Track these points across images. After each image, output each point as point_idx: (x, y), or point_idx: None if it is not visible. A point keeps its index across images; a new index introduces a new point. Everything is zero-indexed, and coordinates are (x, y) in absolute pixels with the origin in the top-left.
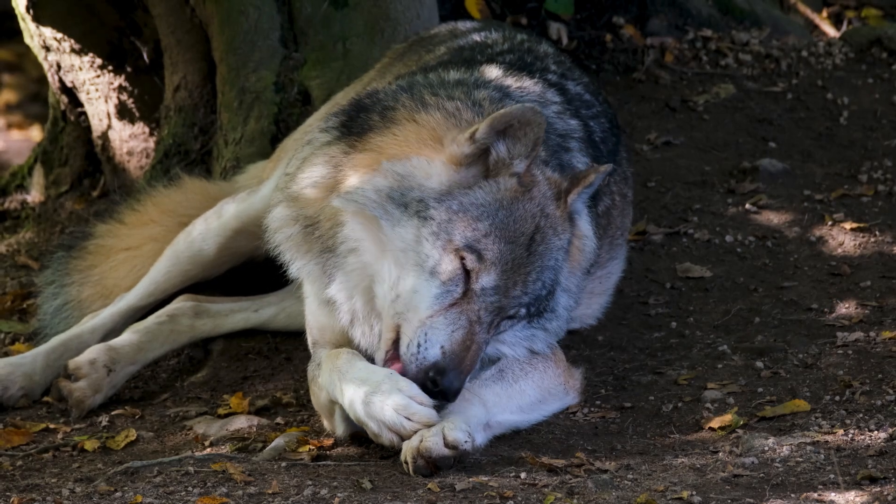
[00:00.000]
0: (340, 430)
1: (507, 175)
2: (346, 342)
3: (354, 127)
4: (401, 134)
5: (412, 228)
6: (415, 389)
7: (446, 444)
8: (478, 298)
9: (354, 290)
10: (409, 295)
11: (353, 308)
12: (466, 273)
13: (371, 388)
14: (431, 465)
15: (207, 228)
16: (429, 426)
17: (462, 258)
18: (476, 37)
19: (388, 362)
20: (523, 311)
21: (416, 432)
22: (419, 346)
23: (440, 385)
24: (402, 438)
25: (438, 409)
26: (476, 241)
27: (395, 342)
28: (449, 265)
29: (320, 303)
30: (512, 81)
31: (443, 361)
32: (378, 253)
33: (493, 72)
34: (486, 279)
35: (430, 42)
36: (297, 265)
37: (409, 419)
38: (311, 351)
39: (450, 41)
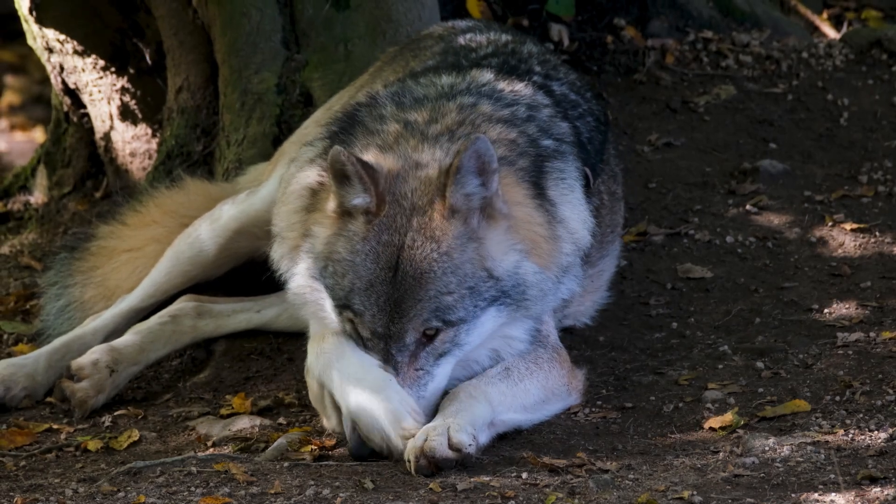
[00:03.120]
0: (333, 420)
1: (357, 216)
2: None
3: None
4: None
5: (327, 299)
6: (411, 402)
7: (450, 446)
8: (369, 350)
9: None
10: None
11: None
12: (356, 328)
13: (368, 392)
14: (433, 466)
15: (207, 229)
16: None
17: (346, 317)
18: (461, 40)
19: None
20: (436, 324)
21: (404, 441)
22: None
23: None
24: (391, 449)
25: (445, 402)
26: (345, 299)
27: None
28: (345, 327)
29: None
30: (504, 85)
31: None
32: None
33: (484, 76)
34: (362, 330)
35: (418, 46)
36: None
37: (401, 430)
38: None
39: (436, 45)
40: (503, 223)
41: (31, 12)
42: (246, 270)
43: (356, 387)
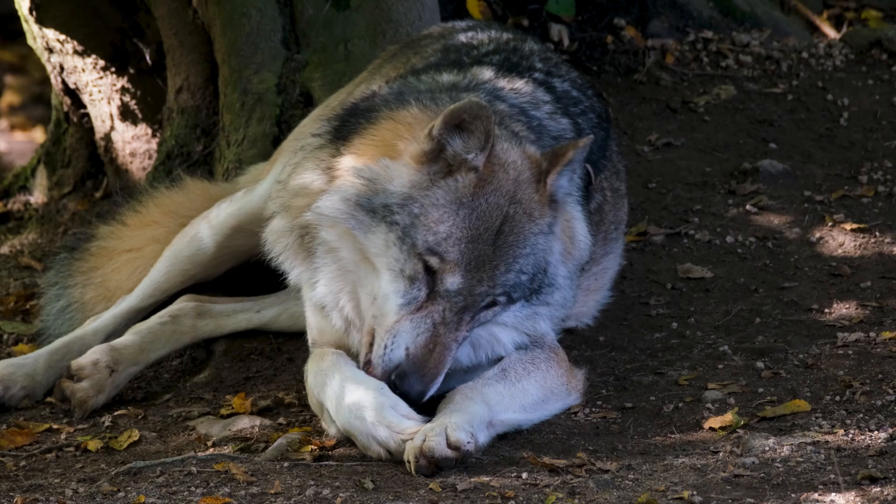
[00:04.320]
0: (333, 430)
1: (466, 170)
2: (344, 344)
3: (343, 131)
4: (378, 134)
5: (381, 234)
6: (404, 407)
7: (449, 445)
8: (442, 300)
9: (340, 294)
10: (382, 300)
11: (344, 315)
12: (431, 275)
13: (360, 402)
14: (433, 465)
15: (205, 228)
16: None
17: (425, 261)
18: (462, 38)
19: (365, 366)
20: (503, 298)
21: (404, 443)
22: (386, 347)
23: (401, 388)
24: (390, 453)
25: (442, 405)
26: (437, 244)
27: (372, 346)
28: (412, 269)
29: (315, 308)
30: (505, 83)
31: (405, 365)
32: (357, 259)
33: (485, 74)
34: (449, 280)
35: (419, 44)
36: (295, 273)
37: (399, 434)
38: (311, 350)
39: (436, 43)
40: (561, 222)
41: (31, 12)
42: (245, 270)
43: (348, 400)
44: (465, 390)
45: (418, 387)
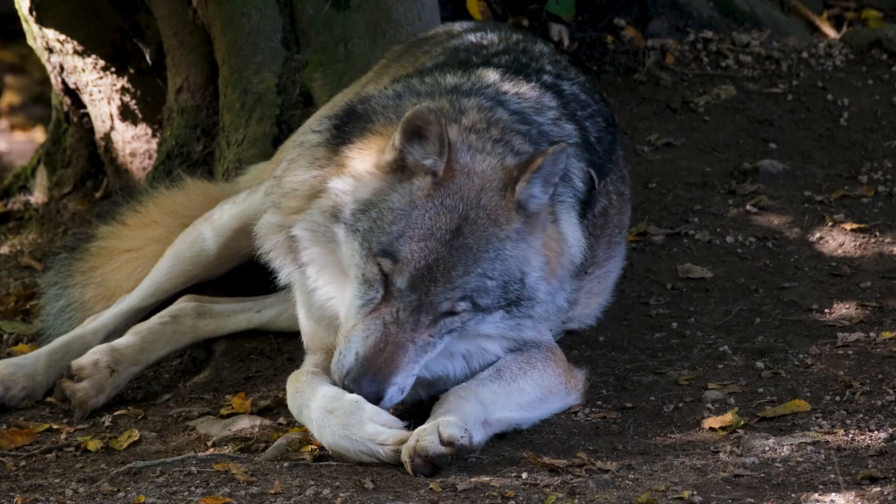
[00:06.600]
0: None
1: (423, 174)
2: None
3: (339, 135)
4: (366, 147)
5: (349, 243)
6: (384, 415)
7: (442, 442)
8: (395, 300)
9: (332, 303)
10: (349, 307)
11: (337, 326)
12: (385, 277)
13: (341, 420)
14: (429, 464)
15: (208, 229)
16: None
17: (379, 264)
18: (472, 37)
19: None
20: (465, 304)
21: (395, 450)
22: (340, 353)
23: (357, 392)
24: (384, 462)
25: (435, 406)
26: (389, 245)
27: None
28: (371, 272)
29: (308, 312)
30: (509, 87)
31: (355, 368)
32: (339, 272)
33: (490, 76)
34: (399, 280)
35: (427, 44)
36: (286, 272)
37: (384, 445)
38: (305, 352)
39: (446, 42)
40: (541, 236)
41: (31, 12)
42: (246, 270)
43: (327, 422)
44: (459, 391)
45: (372, 387)
